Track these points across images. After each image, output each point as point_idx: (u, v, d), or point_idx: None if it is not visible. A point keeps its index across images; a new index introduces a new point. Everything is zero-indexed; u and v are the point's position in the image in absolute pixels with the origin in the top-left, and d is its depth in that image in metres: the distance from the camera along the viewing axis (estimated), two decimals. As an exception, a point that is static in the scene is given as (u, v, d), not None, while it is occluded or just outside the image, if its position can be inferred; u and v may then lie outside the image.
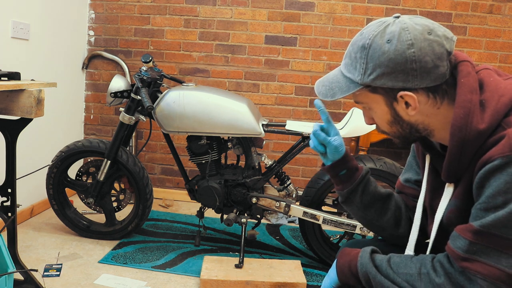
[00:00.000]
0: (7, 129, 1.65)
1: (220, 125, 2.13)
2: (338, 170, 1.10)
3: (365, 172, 1.12)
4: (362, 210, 1.12)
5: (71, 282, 1.94)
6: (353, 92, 0.92)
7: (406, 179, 1.17)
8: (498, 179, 0.79)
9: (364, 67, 0.89)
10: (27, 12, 2.45)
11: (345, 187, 1.11)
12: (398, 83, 0.87)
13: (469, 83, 0.86)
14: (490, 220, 0.79)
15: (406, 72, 0.85)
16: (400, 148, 3.09)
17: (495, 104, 0.84)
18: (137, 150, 3.16)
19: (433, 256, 0.90)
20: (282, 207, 2.17)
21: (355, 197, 1.11)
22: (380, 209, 1.13)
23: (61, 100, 2.94)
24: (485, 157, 0.81)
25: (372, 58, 0.87)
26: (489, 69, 0.91)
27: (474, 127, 0.84)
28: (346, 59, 0.95)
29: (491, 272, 0.79)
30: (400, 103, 0.90)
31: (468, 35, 2.98)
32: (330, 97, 0.95)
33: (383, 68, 0.86)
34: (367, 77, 0.89)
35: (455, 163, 0.88)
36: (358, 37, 0.92)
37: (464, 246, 0.82)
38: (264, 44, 3.08)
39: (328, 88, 0.96)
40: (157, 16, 3.12)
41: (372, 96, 0.92)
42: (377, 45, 0.87)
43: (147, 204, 2.34)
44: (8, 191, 1.70)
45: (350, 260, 0.99)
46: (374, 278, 0.92)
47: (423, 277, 0.87)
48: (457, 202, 0.91)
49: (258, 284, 1.92)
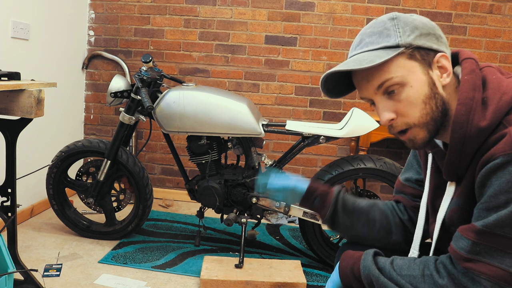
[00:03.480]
0: (7, 129, 1.65)
1: (220, 125, 2.13)
2: (311, 201, 1.14)
3: (336, 192, 1.14)
4: (350, 228, 1.13)
5: (71, 282, 1.94)
6: (394, 55, 0.86)
7: (406, 178, 1.16)
8: (500, 177, 0.78)
9: (401, 30, 0.87)
10: (27, 12, 2.45)
11: (324, 213, 1.14)
12: (433, 44, 0.88)
13: (472, 81, 0.86)
14: (493, 220, 0.79)
15: (436, 36, 0.89)
16: (400, 148, 3.09)
17: (497, 102, 0.83)
18: (137, 150, 3.16)
19: (436, 258, 0.89)
20: (282, 207, 2.17)
21: (338, 218, 1.13)
22: (366, 222, 1.13)
23: (61, 100, 2.94)
24: (487, 156, 0.80)
25: (406, 23, 0.88)
26: (492, 67, 0.90)
27: (475, 124, 0.83)
28: (365, 40, 0.90)
29: (495, 272, 0.78)
30: (435, 71, 0.88)
31: (468, 35, 2.98)
32: (366, 64, 0.85)
33: (420, 29, 0.87)
34: (407, 37, 0.87)
35: (456, 160, 0.87)
36: (374, 21, 0.92)
37: (467, 247, 0.82)
38: (264, 44, 3.08)
39: (358, 61, 0.87)
40: (157, 16, 3.12)
41: (409, 65, 0.87)
42: (405, 16, 0.89)
43: (147, 204, 2.34)
44: (8, 191, 1.70)
45: (353, 262, 0.97)
46: (377, 281, 0.91)
47: (426, 279, 0.86)
48: (459, 201, 0.91)
49: (258, 284, 1.92)
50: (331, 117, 3.11)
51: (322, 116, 3.11)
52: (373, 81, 0.89)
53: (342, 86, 0.98)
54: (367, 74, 0.89)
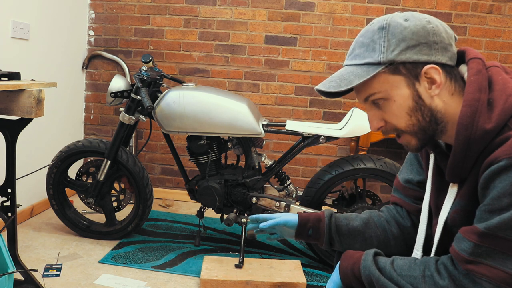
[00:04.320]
0: (7, 129, 1.65)
1: (220, 125, 2.13)
2: (305, 233, 1.15)
3: (327, 218, 1.14)
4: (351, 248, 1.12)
5: (71, 282, 1.94)
6: (373, 74, 0.87)
7: (407, 180, 1.13)
8: (504, 180, 0.77)
9: (386, 45, 0.86)
10: (27, 12, 2.45)
11: (321, 241, 1.14)
12: (422, 56, 0.86)
13: (478, 82, 0.85)
14: (496, 223, 0.78)
15: (429, 45, 0.86)
16: (400, 148, 3.09)
17: (503, 103, 0.82)
18: (137, 150, 3.16)
19: (437, 259, 0.89)
20: (282, 207, 2.17)
21: (335, 243, 1.14)
22: (364, 241, 1.13)
23: (61, 100, 2.94)
24: (491, 158, 0.80)
25: (394, 34, 0.86)
26: (497, 67, 0.89)
27: (481, 126, 0.82)
28: (355, 51, 0.91)
29: (497, 274, 0.78)
30: (422, 83, 0.87)
31: (468, 35, 2.98)
32: (345, 86, 0.88)
33: (408, 41, 0.85)
34: (390, 53, 0.86)
35: (459, 162, 0.87)
36: (368, 27, 0.92)
37: (468, 249, 0.81)
38: (264, 44, 3.08)
39: (339, 80, 0.90)
40: (157, 16, 3.12)
41: (392, 80, 0.87)
42: (397, 23, 0.87)
43: (147, 204, 2.34)
44: (8, 191, 1.70)
45: (353, 263, 0.97)
46: (377, 281, 0.90)
47: (427, 280, 0.85)
48: (461, 203, 0.90)
49: (258, 284, 1.92)
50: (331, 117, 3.11)
51: (322, 116, 3.11)
52: (359, 94, 0.94)
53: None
54: (355, 87, 0.92)
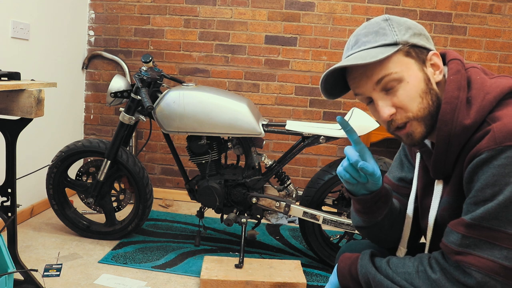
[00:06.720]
0: (7, 129, 1.65)
1: (220, 125, 2.13)
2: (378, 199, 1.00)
3: (390, 190, 1.06)
4: (388, 230, 1.07)
5: (71, 282, 1.94)
6: (394, 51, 0.88)
7: (400, 178, 1.14)
8: (486, 172, 0.81)
9: (397, 30, 0.90)
10: (27, 12, 2.45)
11: (379, 213, 1.03)
12: (425, 43, 0.92)
13: (457, 80, 0.89)
14: (480, 213, 0.81)
15: (426, 37, 0.93)
16: (400, 148, 3.09)
17: (480, 101, 0.86)
18: (137, 150, 3.16)
19: (430, 254, 0.91)
20: (282, 207, 2.17)
21: (384, 221, 1.05)
22: (397, 224, 1.08)
23: (61, 100, 2.94)
24: (473, 152, 0.83)
25: (399, 23, 0.92)
26: (476, 68, 0.94)
27: (460, 122, 0.86)
28: (362, 40, 0.91)
29: (485, 264, 0.80)
30: (428, 68, 0.92)
31: (468, 35, 2.98)
32: (370, 58, 0.86)
33: (413, 29, 0.91)
34: (403, 35, 0.90)
35: (442, 158, 0.90)
36: (368, 22, 0.95)
37: (457, 240, 0.84)
38: (264, 44, 3.08)
39: (361, 57, 0.88)
40: (157, 16, 3.12)
41: (406, 61, 0.89)
42: (396, 17, 0.93)
43: (147, 204, 2.34)
44: (8, 191, 1.70)
45: (351, 263, 1.00)
46: (373, 278, 0.93)
47: (420, 275, 0.88)
48: (449, 199, 0.93)
49: (258, 284, 1.92)
50: (331, 117, 3.11)
51: (322, 116, 3.11)
52: (372, 76, 0.90)
53: (338, 86, 0.99)
54: (366, 70, 0.90)
